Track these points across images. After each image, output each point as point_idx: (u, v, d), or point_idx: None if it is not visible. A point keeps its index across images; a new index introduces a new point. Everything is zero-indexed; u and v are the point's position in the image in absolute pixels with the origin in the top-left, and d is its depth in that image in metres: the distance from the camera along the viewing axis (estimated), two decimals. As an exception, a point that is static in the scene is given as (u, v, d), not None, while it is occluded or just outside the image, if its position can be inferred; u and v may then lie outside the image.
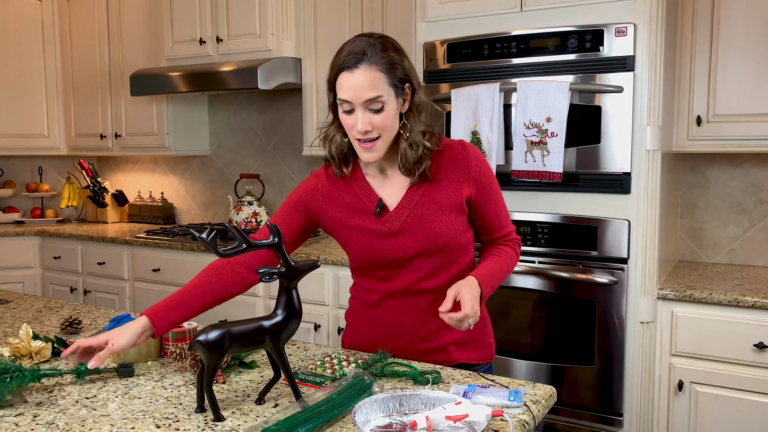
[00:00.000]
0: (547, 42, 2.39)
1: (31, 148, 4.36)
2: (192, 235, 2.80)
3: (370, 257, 1.56)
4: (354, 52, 1.42)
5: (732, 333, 2.22)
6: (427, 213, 1.52)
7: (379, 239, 1.53)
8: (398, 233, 1.53)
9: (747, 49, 2.42)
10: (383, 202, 1.55)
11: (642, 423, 2.37)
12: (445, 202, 1.52)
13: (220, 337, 1.22)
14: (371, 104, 1.42)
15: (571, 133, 2.36)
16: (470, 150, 1.55)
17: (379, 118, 1.44)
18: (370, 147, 1.47)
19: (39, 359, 1.56)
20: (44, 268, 4.11)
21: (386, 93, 1.43)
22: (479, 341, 1.63)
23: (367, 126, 1.43)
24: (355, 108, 1.43)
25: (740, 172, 2.72)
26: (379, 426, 1.15)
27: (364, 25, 3.15)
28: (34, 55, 4.28)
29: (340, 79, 1.43)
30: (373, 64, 1.41)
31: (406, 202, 1.53)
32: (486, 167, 1.56)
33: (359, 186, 1.57)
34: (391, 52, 1.44)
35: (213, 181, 4.24)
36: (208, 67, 3.44)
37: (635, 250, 2.32)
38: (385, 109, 1.43)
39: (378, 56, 1.42)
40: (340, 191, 1.58)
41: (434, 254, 1.53)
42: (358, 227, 1.55)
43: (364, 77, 1.41)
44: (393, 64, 1.43)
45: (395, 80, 1.44)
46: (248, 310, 3.24)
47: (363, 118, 1.43)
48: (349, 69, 1.41)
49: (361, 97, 1.41)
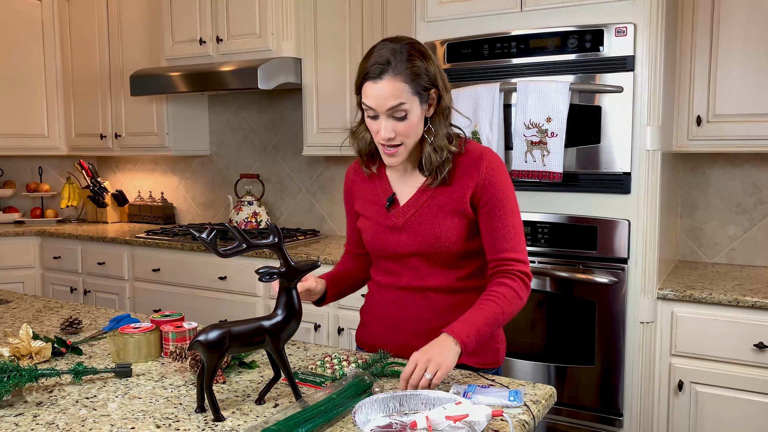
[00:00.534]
0: (547, 42, 2.39)
1: (31, 148, 4.36)
2: (192, 235, 2.81)
3: (376, 248, 1.62)
4: (379, 62, 1.43)
5: (732, 333, 2.22)
6: (430, 214, 1.53)
7: (385, 232, 1.58)
8: (401, 229, 1.56)
9: (747, 49, 2.42)
10: (395, 197, 1.59)
11: (642, 423, 2.37)
12: (450, 205, 1.52)
13: (220, 337, 1.22)
14: (394, 112, 1.44)
15: (571, 133, 2.36)
16: (487, 158, 1.53)
17: (402, 126, 1.45)
18: (393, 153, 1.49)
19: (39, 359, 1.56)
20: (44, 268, 4.11)
21: (410, 102, 1.44)
22: (485, 345, 1.59)
23: (389, 133, 1.45)
24: (379, 115, 1.46)
25: (740, 172, 2.72)
26: (379, 426, 1.15)
27: (364, 25, 3.15)
28: (34, 55, 4.28)
29: (365, 87, 1.45)
30: (397, 75, 1.42)
31: (415, 200, 1.56)
32: (499, 180, 1.52)
33: (380, 180, 1.63)
34: (417, 60, 1.44)
35: (213, 181, 4.24)
36: (208, 67, 3.44)
37: (635, 250, 2.32)
38: (408, 117, 1.45)
39: (402, 66, 1.42)
40: (364, 183, 1.67)
41: (433, 256, 1.54)
42: (371, 218, 1.62)
43: (387, 88, 1.42)
44: (418, 74, 1.44)
45: (420, 88, 1.45)
46: (248, 310, 3.24)
47: (386, 125, 1.45)
48: (372, 79, 1.43)
49: (384, 106, 1.43)
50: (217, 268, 3.34)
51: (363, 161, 1.64)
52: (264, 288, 3.23)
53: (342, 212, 3.72)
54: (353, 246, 1.78)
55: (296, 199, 3.89)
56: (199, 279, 3.41)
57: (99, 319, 1.99)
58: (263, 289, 3.23)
